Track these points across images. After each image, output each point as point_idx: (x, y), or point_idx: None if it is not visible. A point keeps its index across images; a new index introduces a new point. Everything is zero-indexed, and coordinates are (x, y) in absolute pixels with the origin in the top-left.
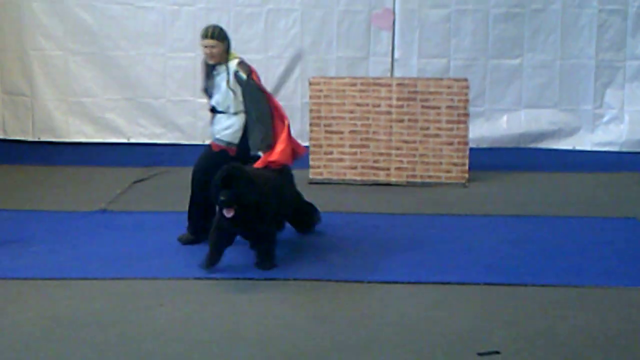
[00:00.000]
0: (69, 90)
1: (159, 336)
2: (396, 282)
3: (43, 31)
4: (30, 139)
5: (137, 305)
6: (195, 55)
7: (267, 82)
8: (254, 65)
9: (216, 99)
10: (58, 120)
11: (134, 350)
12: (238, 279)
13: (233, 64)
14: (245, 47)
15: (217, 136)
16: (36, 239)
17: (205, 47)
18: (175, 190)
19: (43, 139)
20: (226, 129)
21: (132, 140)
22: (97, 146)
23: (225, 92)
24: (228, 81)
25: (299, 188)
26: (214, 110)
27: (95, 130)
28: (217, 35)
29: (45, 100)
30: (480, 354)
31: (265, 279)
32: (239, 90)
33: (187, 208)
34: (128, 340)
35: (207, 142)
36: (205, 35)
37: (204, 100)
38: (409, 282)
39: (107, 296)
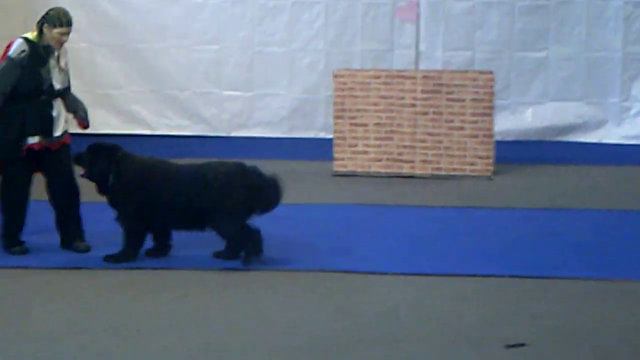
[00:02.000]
0: (94, 82)
1: (184, 326)
2: (421, 274)
3: None
4: None
5: (163, 296)
6: (220, 48)
7: (292, 74)
8: (278, 59)
9: (59, 81)
10: None
11: (160, 340)
12: (264, 270)
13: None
14: (269, 40)
15: (66, 129)
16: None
17: (63, 34)
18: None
19: (69, 131)
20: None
21: (158, 132)
22: (123, 138)
23: (67, 71)
24: (66, 62)
25: (323, 181)
26: (53, 95)
27: (122, 122)
28: (72, 21)
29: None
30: (507, 347)
31: (292, 271)
32: None
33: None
34: (154, 330)
35: (219, 132)
36: (67, 23)
37: (229, 92)
38: (434, 275)
39: (133, 286)
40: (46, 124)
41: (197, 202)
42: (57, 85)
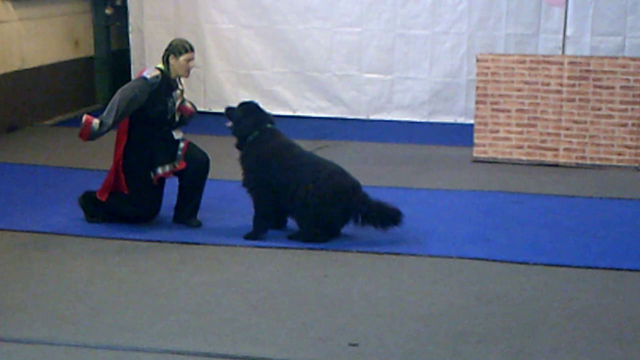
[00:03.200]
0: (239, 62)
1: (323, 306)
2: (563, 266)
3: (216, 5)
4: (202, 109)
5: (303, 275)
6: (362, 31)
7: (433, 58)
8: (420, 42)
9: (175, 111)
10: (228, 92)
11: (298, 318)
12: (401, 254)
13: None
14: (412, 23)
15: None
16: (206, 206)
17: (190, 60)
18: (340, 163)
19: (213, 109)
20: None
21: (299, 113)
22: None
23: (181, 101)
24: (182, 90)
25: (462, 166)
26: (174, 125)
27: (263, 102)
28: (193, 47)
29: (217, 72)
30: None
31: (430, 256)
32: None
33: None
34: (293, 308)
35: (371, 116)
36: (191, 49)
37: (369, 75)
38: (577, 267)
39: (274, 264)
40: (172, 150)
41: (300, 196)
42: (177, 117)
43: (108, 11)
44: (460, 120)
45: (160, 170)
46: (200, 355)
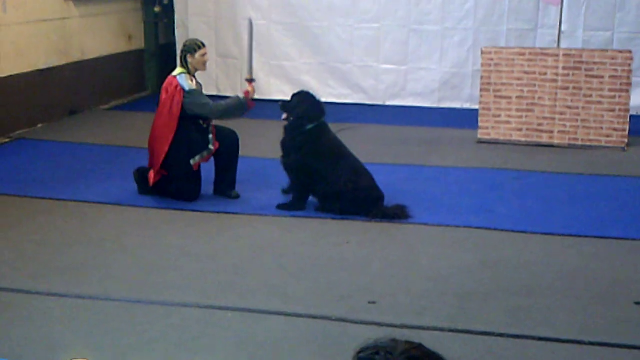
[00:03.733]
0: (271, 54)
1: (345, 269)
2: (556, 234)
3: (252, 4)
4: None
5: (327, 241)
6: (379, 26)
7: (443, 50)
8: (431, 37)
9: None
10: (262, 81)
11: (323, 279)
12: (413, 223)
13: None
14: (424, 19)
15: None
16: (242, 181)
17: (205, 54)
18: (360, 144)
19: None
20: None
21: (323, 100)
22: None
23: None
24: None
25: (468, 147)
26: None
27: (293, 89)
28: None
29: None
30: (637, 303)
31: (438, 225)
32: None
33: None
34: (319, 270)
35: (388, 102)
36: (203, 44)
37: (386, 66)
38: (569, 235)
39: (303, 232)
40: (205, 137)
41: (334, 191)
42: None
43: (157, 9)
44: (467, 106)
45: (198, 158)
46: (237, 310)
